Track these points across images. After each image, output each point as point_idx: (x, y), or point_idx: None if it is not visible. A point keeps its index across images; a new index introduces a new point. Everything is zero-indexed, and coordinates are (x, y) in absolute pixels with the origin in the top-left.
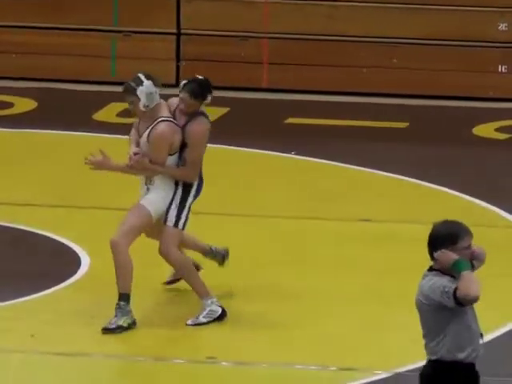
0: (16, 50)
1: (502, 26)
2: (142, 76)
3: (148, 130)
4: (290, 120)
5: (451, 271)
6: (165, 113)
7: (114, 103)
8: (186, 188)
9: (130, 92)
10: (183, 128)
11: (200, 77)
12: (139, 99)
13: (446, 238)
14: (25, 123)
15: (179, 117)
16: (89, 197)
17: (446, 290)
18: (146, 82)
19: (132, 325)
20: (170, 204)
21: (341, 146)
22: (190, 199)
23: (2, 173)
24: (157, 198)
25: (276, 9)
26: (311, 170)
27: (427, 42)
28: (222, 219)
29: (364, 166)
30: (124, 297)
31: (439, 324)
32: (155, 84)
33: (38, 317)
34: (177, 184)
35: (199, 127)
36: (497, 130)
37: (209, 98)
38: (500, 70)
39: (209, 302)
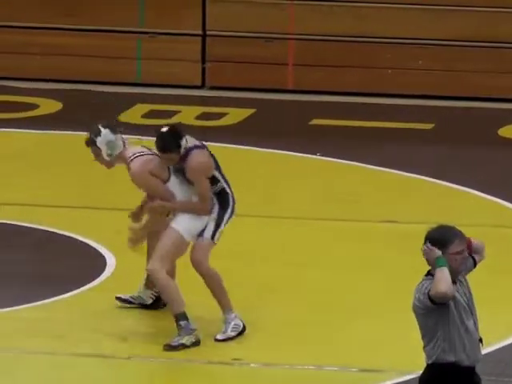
0: (41, 52)
1: None
2: (99, 126)
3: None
4: (315, 121)
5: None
6: (130, 153)
7: (139, 104)
8: (222, 206)
9: (92, 144)
10: (183, 168)
11: (164, 129)
12: (101, 149)
13: (437, 242)
14: (50, 124)
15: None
16: (114, 198)
17: (426, 291)
18: (104, 131)
19: (196, 343)
20: (208, 220)
21: (366, 148)
22: (227, 217)
23: (28, 174)
24: (185, 218)
25: (302, 10)
26: (336, 171)
27: (453, 43)
28: (248, 220)
29: (389, 168)
30: (180, 317)
31: (432, 326)
32: (113, 131)
33: (65, 318)
34: (215, 202)
35: (193, 163)
36: None
37: (183, 143)
38: None
39: (233, 315)
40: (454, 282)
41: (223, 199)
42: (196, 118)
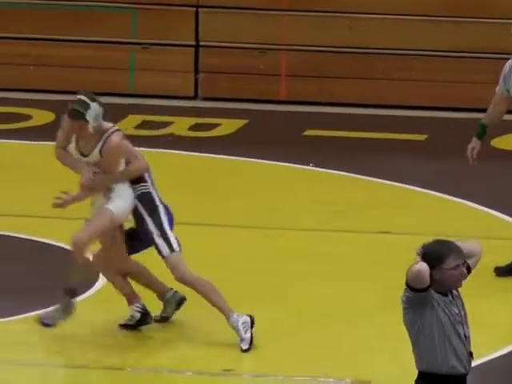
0: (34, 62)
1: None
2: (86, 99)
3: (99, 145)
4: (308, 132)
5: None
6: (107, 125)
7: (132, 115)
8: (153, 212)
9: (79, 117)
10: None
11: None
12: (88, 122)
13: (433, 257)
14: (43, 136)
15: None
16: None
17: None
18: (93, 105)
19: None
20: (152, 236)
21: (359, 158)
22: (165, 221)
23: (21, 185)
24: (118, 197)
25: (295, 21)
26: (329, 182)
27: (448, 53)
28: (242, 232)
29: (383, 178)
30: (68, 292)
31: (415, 334)
32: (100, 104)
33: (52, 330)
34: (143, 213)
35: (116, 139)
36: None
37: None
38: None
39: (235, 316)
40: (445, 294)
41: (147, 202)
42: (189, 128)
